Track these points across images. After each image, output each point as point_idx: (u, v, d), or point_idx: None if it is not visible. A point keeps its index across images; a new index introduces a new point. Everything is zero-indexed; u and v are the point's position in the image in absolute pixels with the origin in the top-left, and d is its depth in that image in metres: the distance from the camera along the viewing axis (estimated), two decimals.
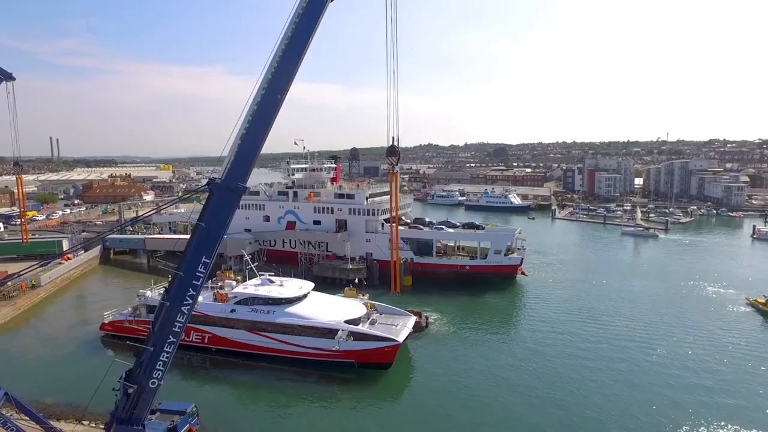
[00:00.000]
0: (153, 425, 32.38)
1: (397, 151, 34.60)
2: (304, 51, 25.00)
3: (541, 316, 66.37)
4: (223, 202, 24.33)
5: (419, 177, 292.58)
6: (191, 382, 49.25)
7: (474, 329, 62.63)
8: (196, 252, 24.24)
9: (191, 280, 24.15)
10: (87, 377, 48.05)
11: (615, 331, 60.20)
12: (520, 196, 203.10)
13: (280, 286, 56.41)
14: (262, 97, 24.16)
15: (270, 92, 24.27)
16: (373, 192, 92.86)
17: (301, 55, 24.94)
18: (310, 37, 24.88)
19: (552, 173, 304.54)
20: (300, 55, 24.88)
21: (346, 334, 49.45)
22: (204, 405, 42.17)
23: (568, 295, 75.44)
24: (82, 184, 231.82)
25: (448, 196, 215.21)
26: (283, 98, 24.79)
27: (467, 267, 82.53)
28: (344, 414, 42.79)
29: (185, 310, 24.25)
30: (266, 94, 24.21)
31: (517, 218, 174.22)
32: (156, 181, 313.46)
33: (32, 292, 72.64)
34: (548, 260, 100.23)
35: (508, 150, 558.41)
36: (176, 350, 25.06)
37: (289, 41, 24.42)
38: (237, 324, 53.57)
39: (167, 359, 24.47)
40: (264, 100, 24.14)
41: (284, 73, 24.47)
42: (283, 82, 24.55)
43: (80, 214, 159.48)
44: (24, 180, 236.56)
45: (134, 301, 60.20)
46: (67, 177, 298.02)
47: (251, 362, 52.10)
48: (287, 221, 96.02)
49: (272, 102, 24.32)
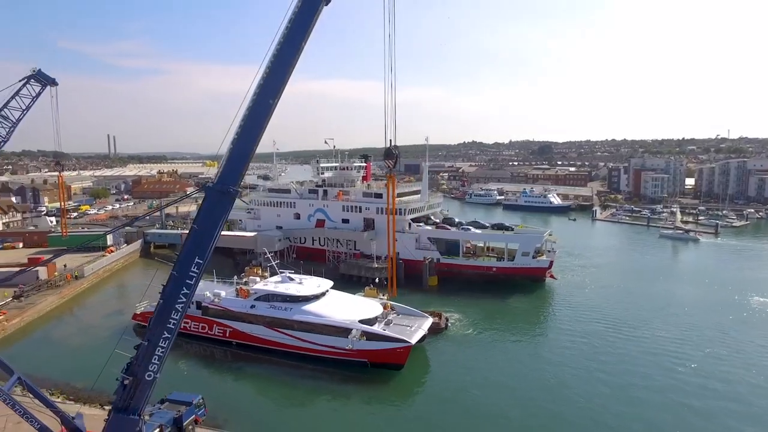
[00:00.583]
0: (160, 414, 33.86)
1: (394, 153, 34.46)
2: (296, 56, 25.04)
3: (566, 323, 64.31)
4: (215, 204, 24.97)
5: (458, 175, 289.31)
6: (208, 374, 51.09)
7: (494, 333, 61.56)
8: (190, 252, 25.03)
9: (185, 280, 24.92)
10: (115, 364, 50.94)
11: (643, 342, 57.13)
12: (561, 196, 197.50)
13: (299, 284, 57.42)
14: (253, 102, 24.57)
15: (261, 97, 24.61)
16: (401, 191, 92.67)
17: (293, 60, 25.00)
18: (302, 41, 24.89)
19: (597, 172, 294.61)
20: (292, 60, 24.96)
21: (359, 334, 49.78)
22: (216, 397, 43.67)
23: (597, 301, 72.69)
24: (132, 180, 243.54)
25: (485, 195, 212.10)
26: (275, 103, 25.06)
27: (494, 268, 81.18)
28: (351, 412, 43.15)
29: (179, 308, 25.08)
30: (257, 99, 24.58)
31: (556, 219, 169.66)
32: (202, 177, 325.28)
33: (76, 282, 77.15)
34: (581, 263, 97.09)
35: (553, 148, 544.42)
36: (201, 343, 25.96)
37: (281, 46, 24.63)
38: (256, 319, 54.96)
39: (162, 354, 25.41)
40: (255, 105, 24.54)
41: (276, 79, 24.69)
42: (275, 87, 24.79)
43: (128, 208, 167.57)
44: (81, 175, 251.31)
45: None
46: (120, 173, 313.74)
47: (268, 357, 53.37)
48: (317, 219, 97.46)
49: (264, 107, 24.64)
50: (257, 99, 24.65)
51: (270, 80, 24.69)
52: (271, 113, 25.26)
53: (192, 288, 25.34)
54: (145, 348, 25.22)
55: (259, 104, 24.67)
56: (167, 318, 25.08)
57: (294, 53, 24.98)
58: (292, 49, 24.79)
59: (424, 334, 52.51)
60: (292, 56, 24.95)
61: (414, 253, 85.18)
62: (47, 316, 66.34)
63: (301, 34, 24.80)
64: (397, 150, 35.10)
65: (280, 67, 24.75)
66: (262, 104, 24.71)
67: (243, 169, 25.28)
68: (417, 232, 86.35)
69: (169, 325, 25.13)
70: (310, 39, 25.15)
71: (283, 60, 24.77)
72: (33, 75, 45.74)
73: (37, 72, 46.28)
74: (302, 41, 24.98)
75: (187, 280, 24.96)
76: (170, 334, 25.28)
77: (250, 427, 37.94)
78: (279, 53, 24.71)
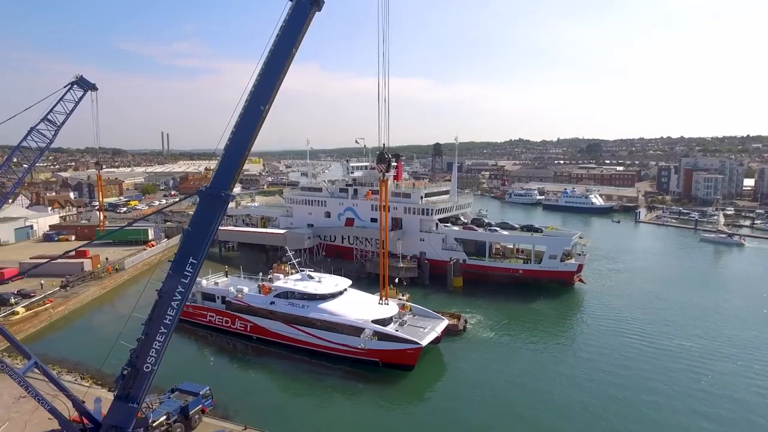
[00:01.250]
0: (169, 403, 35.77)
1: (386, 158, 34.57)
2: (287, 62, 25.72)
3: (588, 330, 62.41)
4: (207, 208, 26.14)
5: (499, 174, 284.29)
6: (225, 366, 53.31)
7: (513, 337, 60.57)
8: (184, 253, 26.34)
9: (180, 279, 26.28)
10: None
11: (669, 352, 54.83)
12: (604, 196, 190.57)
13: (317, 282, 58.59)
14: (244, 109, 25.49)
15: (253, 104, 25.49)
16: (429, 191, 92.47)
17: (284, 66, 25.71)
18: (292, 48, 25.53)
19: (647, 172, 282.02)
20: (283, 67, 25.68)
21: (371, 334, 50.35)
22: (229, 389, 45.69)
23: (625, 308, 69.91)
24: (180, 176, 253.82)
25: (526, 195, 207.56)
26: (267, 109, 25.87)
27: (520, 271, 79.69)
28: (358, 411, 43.74)
29: (175, 305, 26.45)
30: (249, 106, 25.48)
31: (597, 220, 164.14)
32: (246, 174, 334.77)
33: (117, 274, 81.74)
34: (616, 267, 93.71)
35: (602, 146, 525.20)
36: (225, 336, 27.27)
37: (272, 53, 25.39)
38: (275, 316, 56.54)
39: (160, 347, 26.83)
40: (247, 111, 25.45)
41: (267, 85, 25.49)
42: (267, 93, 25.59)
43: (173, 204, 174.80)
44: (134, 172, 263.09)
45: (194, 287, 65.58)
46: (170, 169, 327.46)
47: (285, 353, 54.87)
48: (346, 218, 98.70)
49: (255, 113, 25.52)
50: (249, 105, 25.57)
51: (261, 87, 25.53)
52: (263, 119, 26.12)
53: (187, 286, 26.64)
54: (143, 342, 26.65)
55: (251, 111, 25.58)
56: (164, 314, 26.48)
57: (284, 60, 25.69)
58: (283, 57, 25.53)
59: (436, 336, 52.48)
60: (283, 63, 25.66)
61: (440, 253, 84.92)
62: (89, 305, 70.78)
63: (291, 41, 25.50)
64: (389, 155, 35.25)
65: (271, 74, 25.54)
66: (254, 111, 25.61)
67: (235, 173, 26.30)
68: (444, 232, 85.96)
69: (165, 320, 26.51)
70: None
71: (274, 67, 25.55)
72: (75, 81, 48.86)
73: (79, 78, 49.42)
74: (292, 48, 25.64)
75: (182, 279, 26.29)
76: (167, 330, 26.65)
77: (257, 420, 39.10)
78: (270, 60, 25.51)
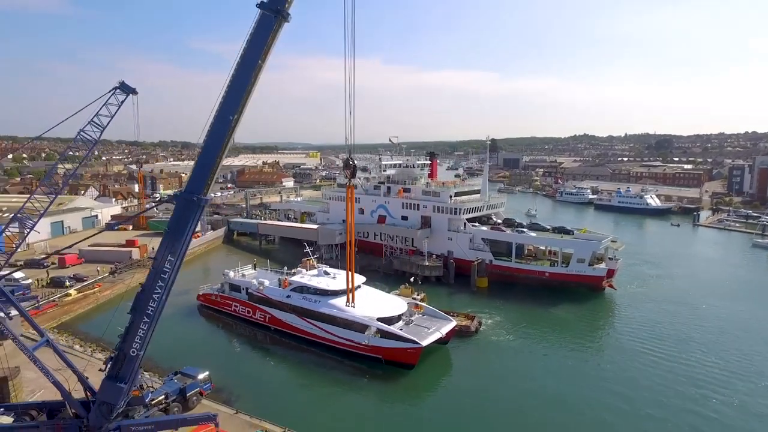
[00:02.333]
0: (169, 384, 39.04)
1: (350, 164, 35.42)
2: (253, 74, 27.01)
3: (611, 342, 59.64)
4: (182, 211, 28.50)
5: (553, 171, 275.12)
6: (236, 353, 56.76)
7: (529, 341, 59.52)
8: (163, 251, 28.98)
9: (160, 274, 28.98)
10: (173, 335, 59.64)
11: (700, 372, 50.34)
12: (662, 197, 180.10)
13: (331, 278, 60.69)
14: (215, 119, 27.46)
15: (222, 114, 27.35)
16: (459, 190, 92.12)
17: (251, 78, 27.06)
18: (258, 59, 26.84)
19: (720, 170, 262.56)
20: (250, 79, 27.06)
21: (374, 331, 51.79)
22: (236, 375, 48.82)
23: (656, 319, 66.16)
24: (237, 170, 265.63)
25: (577, 194, 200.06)
26: (237, 119, 27.62)
27: (547, 274, 77.99)
28: (355, 405, 45.20)
29: (155, 297, 29.25)
30: (218, 116, 27.40)
31: (653, 223, 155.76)
32: (303, 167, 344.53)
33: None
34: (658, 273, 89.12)
35: (674, 142, 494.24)
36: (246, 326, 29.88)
37: (238, 65, 26.98)
38: (290, 308, 59.29)
39: (144, 335, 29.67)
40: (217, 121, 27.41)
41: (236, 96, 27.19)
42: (235, 104, 27.30)
43: (227, 197, 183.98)
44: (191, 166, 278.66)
45: (222, 278, 69.90)
46: (230, 163, 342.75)
47: (298, 345, 57.53)
48: (379, 215, 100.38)
49: (225, 123, 27.38)
50: (218, 115, 27.48)
51: (230, 98, 27.32)
52: (233, 128, 27.90)
53: (167, 281, 29.35)
54: (127, 329, 29.61)
55: (221, 120, 27.50)
56: (146, 305, 29.37)
57: (251, 72, 27.12)
58: (250, 69, 27.05)
59: (440, 337, 52.93)
60: (250, 75, 27.14)
61: (467, 253, 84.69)
62: (132, 291, 76.56)
63: (257, 53, 26.95)
64: (353, 161, 36.21)
65: (239, 85, 27.20)
66: (223, 120, 27.50)
67: (208, 178, 28.37)
68: (471, 232, 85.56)
69: (148, 311, 29.40)
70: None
71: (241, 79, 27.17)
72: (118, 87, 53.70)
73: (121, 84, 54.27)
74: (258, 59, 27.04)
75: (162, 274, 29.04)
76: (149, 319, 29.48)
77: (254, 407, 41.49)
78: (237, 72, 27.15)
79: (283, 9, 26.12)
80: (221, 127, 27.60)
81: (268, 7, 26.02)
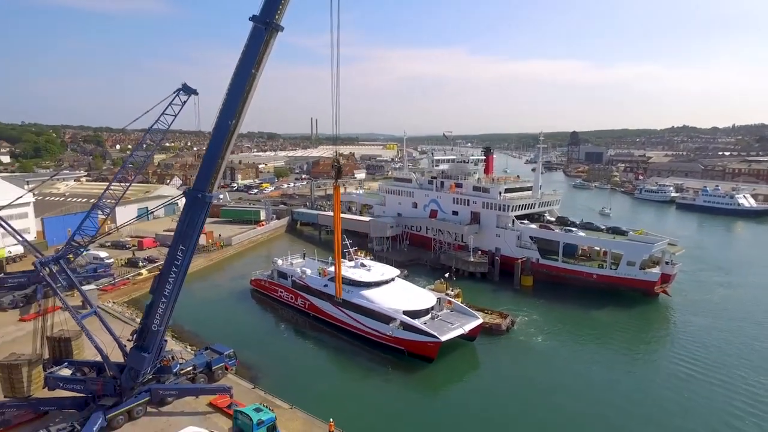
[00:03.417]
0: (198, 357, 43.74)
1: (335, 165, 37.03)
2: (248, 83, 30.03)
3: (656, 356, 55.42)
4: (190, 206, 32.23)
5: (634, 166, 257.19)
6: (275, 336, 61.12)
7: (560, 345, 58.11)
8: (176, 242, 32.94)
9: (173, 261, 32.99)
10: (224, 315, 65.99)
11: (747, 406, 44.43)
12: (761, 197, 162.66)
13: (366, 271, 63.34)
14: (215, 124, 30.83)
15: (222, 119, 30.71)
16: (510, 187, 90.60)
17: (247, 86, 30.08)
18: (252, 68, 29.80)
19: None
20: (245, 86, 30.08)
21: (398, 323, 53.66)
22: (266, 354, 53.15)
23: (716, 335, 59.88)
24: (313, 161, 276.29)
25: (658, 192, 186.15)
26: (236, 123, 30.81)
27: (594, 275, 75.01)
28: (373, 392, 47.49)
29: (170, 281, 33.30)
30: (218, 121, 30.77)
31: (745, 226, 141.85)
32: (378, 159, 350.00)
33: (224, 249, 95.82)
34: (728, 282, 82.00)
35: None
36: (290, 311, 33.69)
37: (234, 75, 30.13)
38: (326, 297, 62.74)
39: (162, 312, 33.96)
40: (217, 126, 30.78)
41: (233, 103, 30.42)
42: (233, 110, 30.54)
43: (298, 188, 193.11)
44: (277, 156, 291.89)
45: (272, 266, 75.10)
46: (309, 154, 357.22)
47: (332, 332, 60.97)
48: (431, 209, 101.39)
49: (224, 127, 30.74)
50: (218, 121, 30.89)
51: (228, 105, 30.62)
52: (233, 132, 31.19)
53: (180, 268, 33.24)
54: (148, 307, 34.08)
55: (220, 125, 30.87)
56: (163, 287, 33.51)
57: (245, 81, 30.21)
58: (244, 78, 30.17)
59: (462, 333, 53.58)
60: (244, 83, 30.23)
61: (514, 250, 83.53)
62: (193, 275, 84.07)
63: (250, 63, 29.97)
64: (339, 162, 37.85)
65: (236, 93, 30.43)
66: (223, 125, 30.85)
67: (212, 177, 31.85)
68: (519, 229, 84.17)
69: (164, 292, 33.51)
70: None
71: (237, 87, 30.37)
72: (181, 88, 59.94)
73: (183, 86, 60.52)
74: (252, 69, 30.02)
75: (175, 261, 33.02)
76: (167, 299, 33.68)
77: (273, 384, 45.13)
78: (234, 81, 30.38)
79: (273, 21, 28.66)
80: (221, 131, 30.94)
81: (259, 20, 28.73)
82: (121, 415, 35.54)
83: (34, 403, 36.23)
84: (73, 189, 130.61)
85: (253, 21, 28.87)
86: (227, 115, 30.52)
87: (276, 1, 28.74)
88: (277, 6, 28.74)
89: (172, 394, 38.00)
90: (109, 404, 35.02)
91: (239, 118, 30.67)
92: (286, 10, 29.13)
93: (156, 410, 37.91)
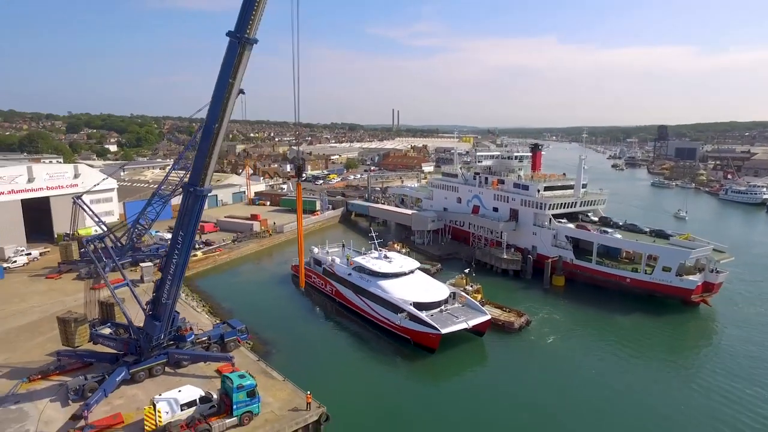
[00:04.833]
0: (215, 329, 49.78)
1: (296, 163, 40.13)
2: (227, 91, 34.58)
3: (685, 372, 51.96)
4: (186, 199, 37.48)
5: (727, 163, 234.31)
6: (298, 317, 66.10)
7: (575, 350, 57.11)
8: (177, 229, 38.53)
9: (175, 245, 38.59)
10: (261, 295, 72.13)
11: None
12: None
13: (387, 262, 66.76)
14: (203, 127, 35.74)
15: (207, 123, 35.59)
16: (550, 185, 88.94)
17: (226, 93, 34.63)
18: (228, 78, 34.37)
19: None
20: (224, 94, 34.63)
21: (406, 314, 56.64)
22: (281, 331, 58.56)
23: (750, 352, 55.90)
24: (383, 153, 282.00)
25: (747, 193, 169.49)
26: (221, 126, 35.47)
27: (628, 279, 72.44)
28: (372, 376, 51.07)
29: (173, 262, 38.92)
30: (205, 126, 35.67)
31: None
32: (451, 152, 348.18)
33: (275, 236, 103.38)
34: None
35: None
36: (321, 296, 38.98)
37: (216, 84, 34.80)
38: (349, 285, 67.05)
39: (169, 290, 39.72)
40: (204, 129, 35.69)
41: (215, 108, 35.15)
42: (216, 114, 35.25)
43: (363, 180, 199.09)
44: (352, 147, 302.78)
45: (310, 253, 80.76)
46: (382, 146, 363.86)
47: (351, 317, 65.25)
48: (474, 205, 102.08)
49: (209, 131, 35.60)
50: (205, 125, 35.83)
51: (212, 110, 35.47)
52: (218, 135, 35.92)
53: (182, 252, 38.71)
54: (158, 283, 40.11)
55: (207, 129, 35.81)
56: (168, 268, 39.29)
57: (224, 89, 34.83)
58: (223, 86, 34.83)
59: (465, 327, 55.30)
60: (223, 91, 34.88)
61: (549, 249, 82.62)
62: (244, 258, 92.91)
63: (226, 73, 34.65)
64: (300, 160, 41.03)
65: (217, 100, 35.18)
66: (209, 129, 35.75)
67: (203, 173, 36.78)
68: (555, 228, 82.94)
69: (169, 271, 39.25)
70: None
71: (218, 94, 35.12)
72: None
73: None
74: (229, 78, 34.62)
75: (177, 245, 38.54)
76: (172, 277, 39.39)
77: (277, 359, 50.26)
78: (216, 89, 35.09)
79: (243, 36, 33.02)
80: (208, 133, 35.79)
81: (233, 35, 33.25)
82: (142, 371, 42.22)
83: (81, 353, 44.00)
84: (157, 176, 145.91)
85: (228, 36, 33.40)
86: (212, 119, 35.35)
87: (246, 18, 33.08)
88: (247, 23, 33.09)
89: (186, 358, 44.22)
90: (130, 361, 41.75)
91: (221, 122, 35.33)
92: (258, 25, 33.33)
93: (173, 371, 44.25)
